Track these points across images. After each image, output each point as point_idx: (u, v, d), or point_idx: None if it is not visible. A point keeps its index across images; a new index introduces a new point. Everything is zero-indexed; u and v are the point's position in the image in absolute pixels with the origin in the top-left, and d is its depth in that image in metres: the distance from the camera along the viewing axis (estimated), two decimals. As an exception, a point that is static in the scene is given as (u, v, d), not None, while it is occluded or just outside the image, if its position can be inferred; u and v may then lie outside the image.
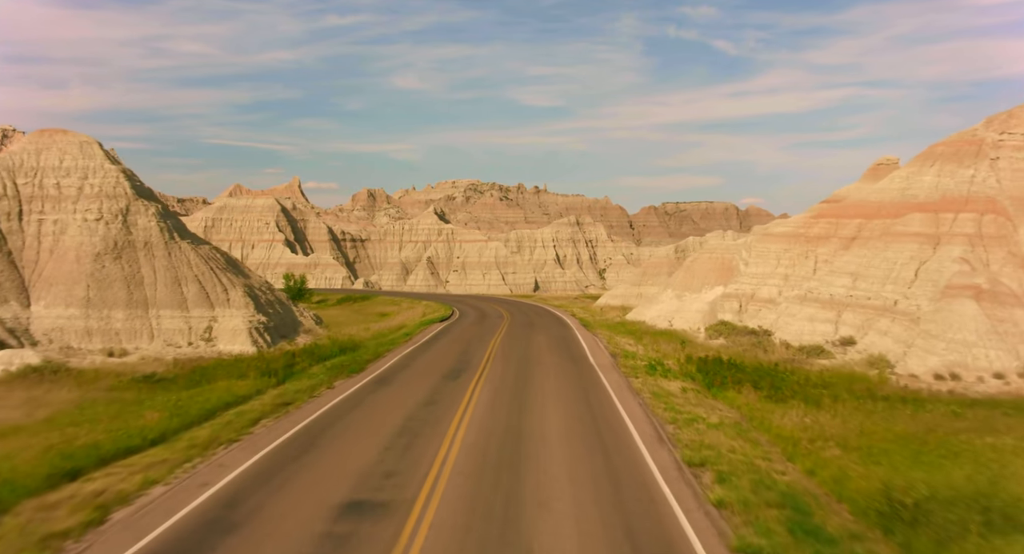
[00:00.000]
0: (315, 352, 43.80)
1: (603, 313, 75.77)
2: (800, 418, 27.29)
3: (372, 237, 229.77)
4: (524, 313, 78.68)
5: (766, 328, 54.41)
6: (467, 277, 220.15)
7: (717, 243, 63.09)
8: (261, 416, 27.48)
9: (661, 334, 55.45)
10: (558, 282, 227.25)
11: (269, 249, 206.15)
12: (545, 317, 72.57)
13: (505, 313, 78.87)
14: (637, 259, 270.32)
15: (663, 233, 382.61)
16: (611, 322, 63.95)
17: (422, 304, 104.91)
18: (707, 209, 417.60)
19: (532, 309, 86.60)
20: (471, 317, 74.64)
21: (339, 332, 58.66)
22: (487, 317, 73.74)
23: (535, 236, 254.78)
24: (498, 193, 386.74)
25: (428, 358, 42.49)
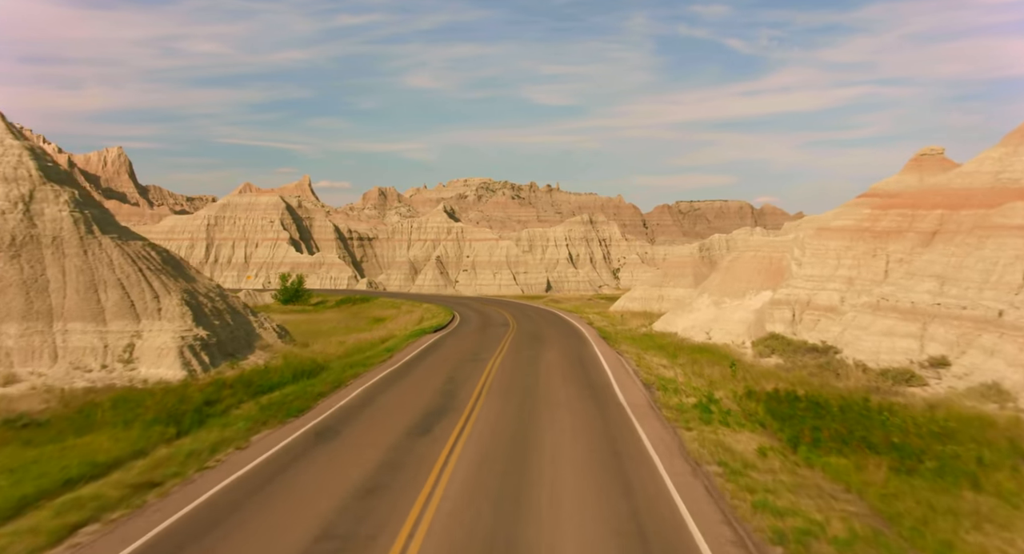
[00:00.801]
0: (257, 380, 32.81)
1: (624, 321, 64.58)
2: (979, 518, 16.10)
3: (380, 236, 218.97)
4: (533, 320, 67.63)
5: (830, 343, 43.07)
6: (477, 277, 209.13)
7: (762, 239, 51.81)
8: (92, 516, 16.49)
9: (700, 351, 44.19)
10: (571, 282, 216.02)
11: (273, 248, 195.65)
12: (557, 326, 61.52)
13: (512, 320, 67.90)
14: (652, 258, 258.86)
15: (677, 232, 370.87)
16: (635, 333, 52.86)
17: (422, 307, 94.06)
18: (721, 208, 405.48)
19: (543, 315, 75.50)
20: (472, 325, 63.69)
21: (309, 348, 47.65)
22: (490, 325, 62.79)
23: (547, 235, 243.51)
24: (510, 192, 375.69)
25: (402, 390, 31.38)
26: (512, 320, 67.58)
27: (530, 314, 75.74)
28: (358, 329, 72.25)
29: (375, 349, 46.52)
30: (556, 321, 66.46)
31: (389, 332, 58.88)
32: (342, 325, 79.94)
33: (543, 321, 66.44)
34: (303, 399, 29.22)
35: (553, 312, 78.82)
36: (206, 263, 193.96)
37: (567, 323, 63.83)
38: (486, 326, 61.09)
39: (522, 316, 73.01)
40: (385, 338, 54.11)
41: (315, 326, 78.10)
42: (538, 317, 71.80)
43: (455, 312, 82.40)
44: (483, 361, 38.91)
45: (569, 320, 67.28)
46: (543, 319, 69.10)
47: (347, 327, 76.71)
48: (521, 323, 63.72)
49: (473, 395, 29.38)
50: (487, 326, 61.12)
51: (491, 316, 74.48)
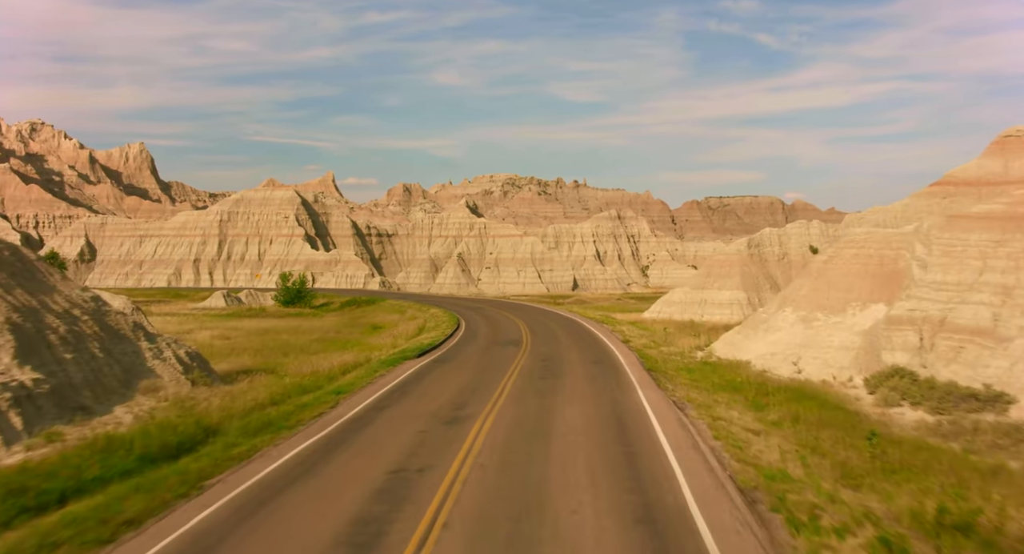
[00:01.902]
0: (34, 484, 18.06)
1: (669, 338, 48.89)
2: None
3: (400, 232, 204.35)
4: (553, 335, 52.18)
5: (993, 386, 27.62)
6: (500, 275, 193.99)
7: (868, 232, 36.24)
8: None
9: (795, 396, 28.78)
10: (598, 280, 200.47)
11: (288, 245, 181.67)
12: (583, 345, 45.94)
13: (526, 334, 52.65)
14: (682, 255, 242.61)
15: (706, 228, 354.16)
16: (689, 360, 37.35)
17: (428, 313, 79.25)
18: (751, 203, 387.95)
19: (566, 327, 60.02)
20: (474, 342, 48.40)
21: (227, 387, 32.66)
22: (497, 343, 47.23)
23: (574, 231, 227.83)
24: (536, 187, 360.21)
25: (289, 514, 16.31)
26: (527, 334, 52.35)
27: (550, 325, 60.42)
28: (343, 342, 57.84)
29: (324, 389, 31.59)
30: (581, 337, 51.01)
31: (367, 354, 43.90)
32: (330, 334, 65.62)
33: (566, 337, 51.13)
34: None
35: (578, 323, 63.29)
36: (219, 260, 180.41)
37: (596, 340, 48.44)
38: (491, 345, 45.87)
39: (540, 328, 57.75)
40: (356, 364, 39.16)
41: (297, 336, 63.76)
42: (560, 330, 56.46)
43: (462, 320, 67.45)
44: (464, 423, 23.74)
45: (598, 335, 51.82)
46: (566, 333, 53.75)
47: (333, 338, 62.43)
48: (537, 340, 48.49)
49: (420, 527, 14.33)
50: (492, 345, 45.89)
51: (502, 328, 59.44)
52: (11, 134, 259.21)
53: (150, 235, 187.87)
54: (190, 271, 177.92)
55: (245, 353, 51.96)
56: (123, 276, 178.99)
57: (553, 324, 60.99)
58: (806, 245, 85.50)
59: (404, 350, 43.88)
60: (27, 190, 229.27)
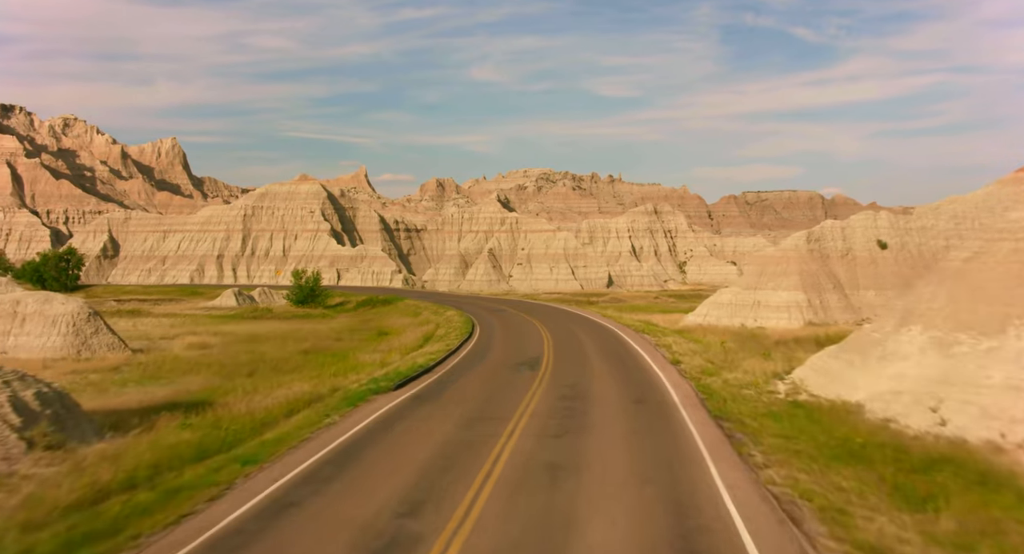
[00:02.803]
0: None
1: (730, 358, 36.93)
2: None
3: (429, 227, 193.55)
4: (581, 352, 40.51)
5: None
6: (532, 271, 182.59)
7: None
8: None
9: (965, 476, 17.34)
10: (634, 276, 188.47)
11: (313, 240, 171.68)
12: (620, 371, 33.64)
13: (549, 349, 40.97)
14: (721, 251, 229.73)
15: (744, 223, 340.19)
16: (769, 397, 25.78)
17: (443, 316, 68.42)
18: (790, 198, 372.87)
19: (598, 338, 48.31)
20: (481, 363, 36.74)
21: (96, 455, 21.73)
22: (507, 365, 35.21)
23: (609, 226, 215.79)
24: (571, 182, 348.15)
25: None
26: (549, 350, 40.87)
27: (580, 336, 48.85)
28: (334, 354, 47.65)
29: (233, 452, 20.56)
30: (618, 354, 39.26)
31: (339, 381, 32.81)
32: (325, 343, 55.48)
33: (598, 354, 39.58)
34: None
35: (613, 332, 51.45)
36: (242, 256, 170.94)
37: (636, 361, 36.75)
38: (501, 368, 34.40)
39: (567, 340, 46.18)
40: (312, 398, 28.10)
41: (286, 345, 53.67)
42: (591, 343, 44.90)
43: (477, 327, 56.36)
44: (433, 529, 12.76)
45: (638, 352, 39.99)
46: (598, 349, 42.20)
47: (325, 348, 52.41)
48: (561, 361, 37.08)
49: None
50: (502, 368, 34.42)
51: (521, 338, 48.06)
52: (43, 129, 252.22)
53: (174, 230, 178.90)
54: (213, 267, 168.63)
55: (207, 370, 41.65)
56: (146, 272, 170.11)
57: (583, 333, 49.50)
58: (873, 239, 73.36)
59: (388, 374, 32.78)
60: (57, 185, 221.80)
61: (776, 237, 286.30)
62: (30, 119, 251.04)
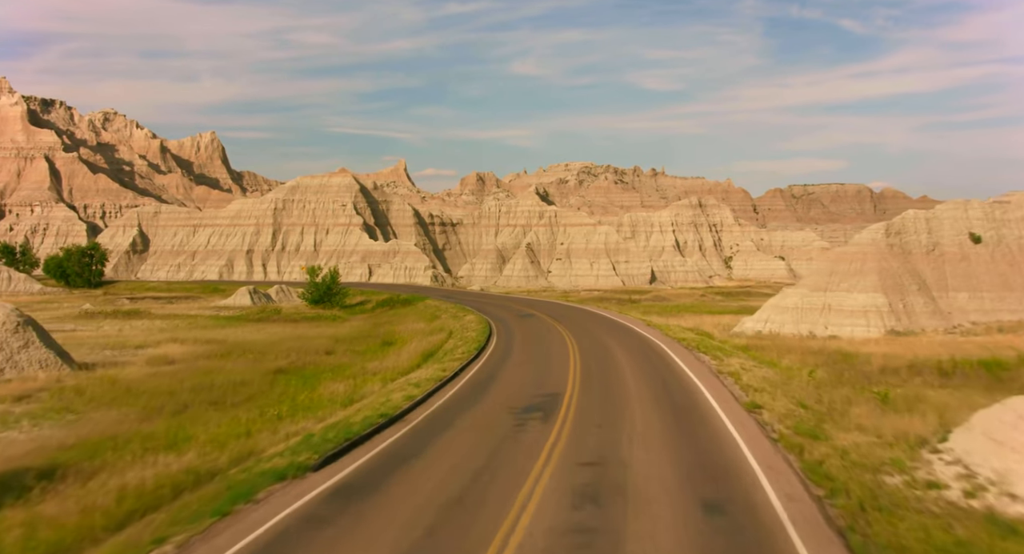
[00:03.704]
0: None
1: (827, 397, 25.35)
2: None
3: (465, 221, 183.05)
4: (619, 385, 28.69)
5: None
6: (572, 267, 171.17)
7: None
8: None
9: None
10: (678, 272, 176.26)
11: (345, 234, 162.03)
12: (676, 418, 21.31)
13: (574, 380, 29.27)
14: (768, 245, 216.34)
15: (790, 217, 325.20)
16: (940, 503, 15.10)
17: (462, 321, 57.96)
18: (838, 191, 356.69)
19: (641, 360, 36.97)
20: (479, 403, 25.29)
21: None
22: (514, 409, 23.52)
23: (651, 220, 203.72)
24: (613, 176, 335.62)
25: None
26: (574, 381, 29.35)
27: (617, 355, 37.27)
28: (311, 375, 37.43)
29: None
30: (667, 391, 27.37)
31: (257, 444, 22.29)
32: (314, 359, 45.51)
33: (639, 390, 27.88)
34: None
35: (659, 350, 39.86)
36: (272, 251, 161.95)
37: (697, 404, 24.54)
38: (502, 414, 22.78)
39: (600, 363, 34.68)
40: (200, 476, 17.68)
41: (261, 361, 43.80)
42: (631, 368, 33.43)
43: (493, 339, 45.47)
44: None
45: (697, 386, 28.06)
46: (639, 378, 30.57)
47: (308, 365, 42.12)
48: (588, 397, 25.88)
49: None
50: (506, 412, 23.05)
51: (543, 359, 36.98)
52: (83, 124, 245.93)
53: (204, 225, 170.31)
54: (243, 263, 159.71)
55: (136, 401, 32.05)
56: (175, 268, 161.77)
57: (621, 351, 38.14)
58: (963, 232, 61.27)
59: (338, 426, 22.02)
60: (95, 180, 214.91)
61: (824, 231, 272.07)
62: (70, 114, 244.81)
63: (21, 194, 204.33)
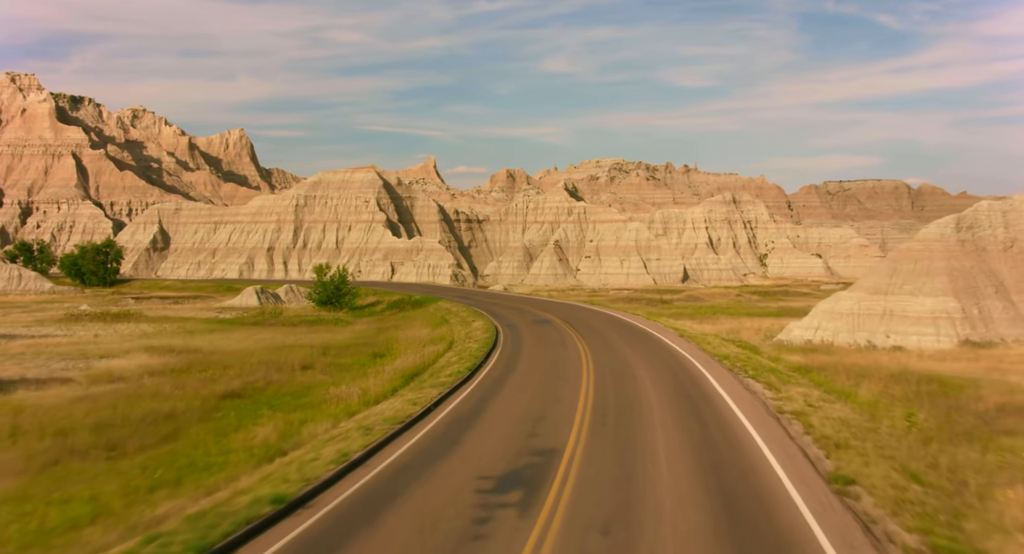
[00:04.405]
0: None
1: (940, 460, 17.32)
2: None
3: (492, 218, 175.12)
4: (640, 426, 21.21)
5: None
6: (601, 265, 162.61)
7: None
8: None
9: None
10: (711, 270, 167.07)
11: (368, 231, 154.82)
12: (738, 511, 14.52)
13: (582, 417, 21.52)
14: (805, 242, 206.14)
15: (825, 214, 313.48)
16: None
17: (468, 329, 50.20)
18: (874, 188, 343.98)
19: (670, 379, 28.82)
20: (452, 455, 18.34)
21: None
22: (487, 473, 16.28)
23: (684, 216, 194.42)
24: (644, 172, 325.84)
25: None
26: (581, 425, 21.06)
27: (641, 379, 28.46)
28: (266, 399, 29.71)
29: None
30: (709, 449, 18.97)
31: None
32: (279, 376, 37.60)
33: (668, 440, 20.07)
34: None
35: (694, 371, 31.10)
36: (294, 248, 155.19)
37: (754, 472, 17.18)
38: (464, 492, 15.57)
39: (620, 394, 26.31)
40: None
41: (221, 378, 36.30)
42: (658, 399, 25.01)
43: (495, 354, 37.42)
44: None
45: (751, 439, 19.52)
46: (667, 419, 22.37)
47: (273, 384, 34.26)
48: (595, 455, 18.27)
49: None
50: (466, 496, 15.61)
51: (550, 384, 29.10)
52: (112, 121, 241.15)
53: (225, 222, 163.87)
54: (263, 260, 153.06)
55: (36, 439, 24.57)
56: (195, 265, 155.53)
57: (648, 376, 29.26)
58: (1046, 227, 52.23)
59: (203, 519, 14.17)
60: (121, 177, 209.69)
61: (860, 228, 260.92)
62: (99, 111, 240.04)
63: (48, 191, 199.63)
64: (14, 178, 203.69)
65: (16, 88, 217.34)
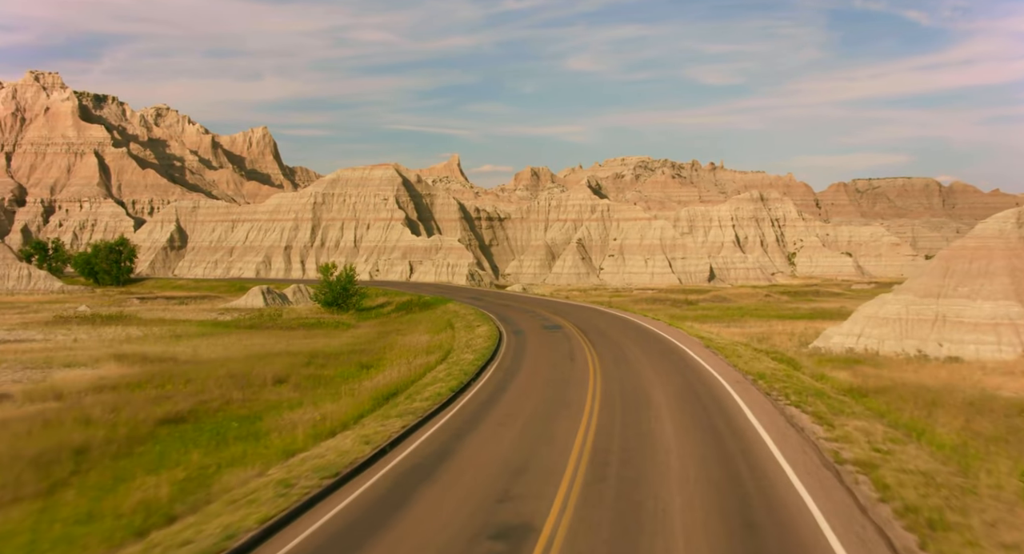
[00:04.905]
0: None
1: None
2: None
3: (513, 216, 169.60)
4: (651, 487, 15.89)
5: None
6: (625, 263, 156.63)
7: None
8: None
9: None
10: (738, 269, 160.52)
11: (386, 229, 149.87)
12: None
13: (576, 468, 16.44)
14: (835, 241, 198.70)
15: (854, 212, 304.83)
16: None
17: (470, 335, 44.94)
18: (904, 185, 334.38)
19: (693, 406, 23.43)
20: (416, 500, 13.55)
21: None
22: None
23: (710, 214, 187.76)
24: (670, 170, 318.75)
25: None
26: (576, 472, 16.22)
27: (656, 404, 22.97)
28: (209, 423, 24.24)
29: None
30: (754, 522, 13.91)
31: None
32: (237, 394, 32.35)
33: (696, 498, 14.89)
34: None
35: (727, 398, 25.20)
36: (311, 247, 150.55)
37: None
38: None
39: (632, 425, 20.75)
40: None
41: (170, 397, 31.78)
42: (679, 435, 19.42)
43: (492, 367, 31.94)
44: None
45: (807, 510, 14.47)
46: (696, 465, 17.24)
47: (228, 404, 28.99)
48: (592, 524, 12.93)
49: None
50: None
51: (554, 399, 23.80)
52: (135, 119, 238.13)
53: (242, 220, 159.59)
54: (280, 259, 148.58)
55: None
56: (212, 264, 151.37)
57: (666, 404, 22.79)
58: (1119, 222, 45.85)
59: None
60: (143, 175, 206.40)
61: (891, 226, 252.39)
62: (122, 109, 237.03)
63: (71, 190, 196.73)
64: (37, 176, 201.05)
65: (40, 87, 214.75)
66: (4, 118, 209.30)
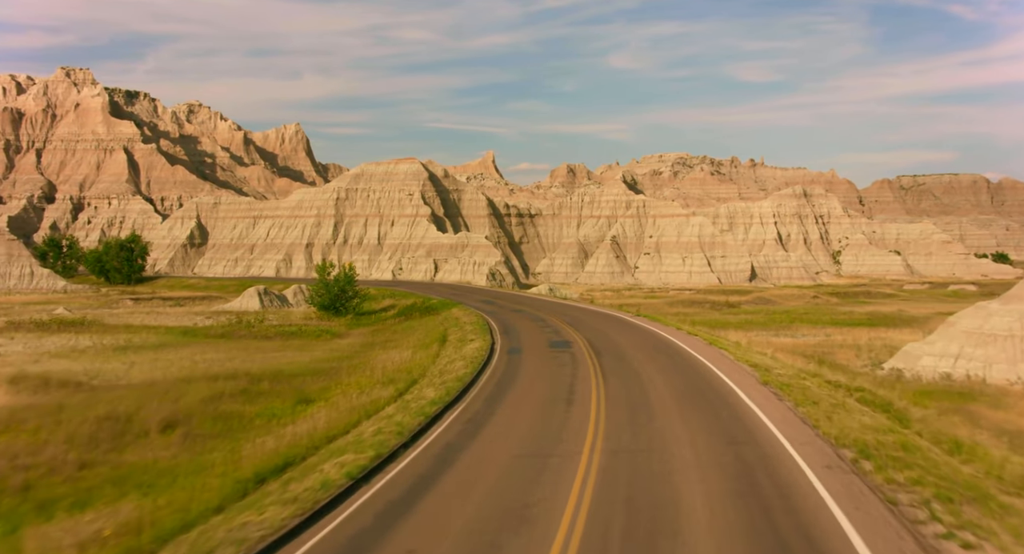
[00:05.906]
0: None
1: None
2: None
3: (544, 212, 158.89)
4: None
5: None
6: (662, 262, 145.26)
7: None
8: None
9: None
10: (780, 268, 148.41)
11: (411, 226, 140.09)
12: None
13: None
14: (882, 239, 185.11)
15: (899, 209, 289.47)
16: None
17: (462, 351, 34.20)
18: (950, 182, 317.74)
19: (754, 505, 13.09)
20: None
21: None
22: None
23: (751, 211, 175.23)
24: (709, 167, 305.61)
25: None
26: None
27: (683, 501, 13.48)
28: None
29: None
30: None
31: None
32: (136, 429, 21.56)
33: None
34: None
35: (810, 497, 14.85)
36: (333, 244, 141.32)
37: None
38: None
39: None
40: None
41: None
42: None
43: (460, 404, 21.78)
44: None
45: None
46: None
47: (61, 466, 18.15)
48: None
49: None
50: None
51: (530, 476, 13.70)
52: (167, 116, 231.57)
53: (264, 216, 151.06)
54: (301, 257, 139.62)
55: None
56: (232, 262, 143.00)
57: (701, 499, 13.63)
58: None
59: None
60: (172, 171, 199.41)
61: (937, 224, 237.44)
62: (154, 105, 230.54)
63: (100, 187, 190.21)
64: (67, 173, 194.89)
65: (71, 83, 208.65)
66: (35, 114, 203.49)
